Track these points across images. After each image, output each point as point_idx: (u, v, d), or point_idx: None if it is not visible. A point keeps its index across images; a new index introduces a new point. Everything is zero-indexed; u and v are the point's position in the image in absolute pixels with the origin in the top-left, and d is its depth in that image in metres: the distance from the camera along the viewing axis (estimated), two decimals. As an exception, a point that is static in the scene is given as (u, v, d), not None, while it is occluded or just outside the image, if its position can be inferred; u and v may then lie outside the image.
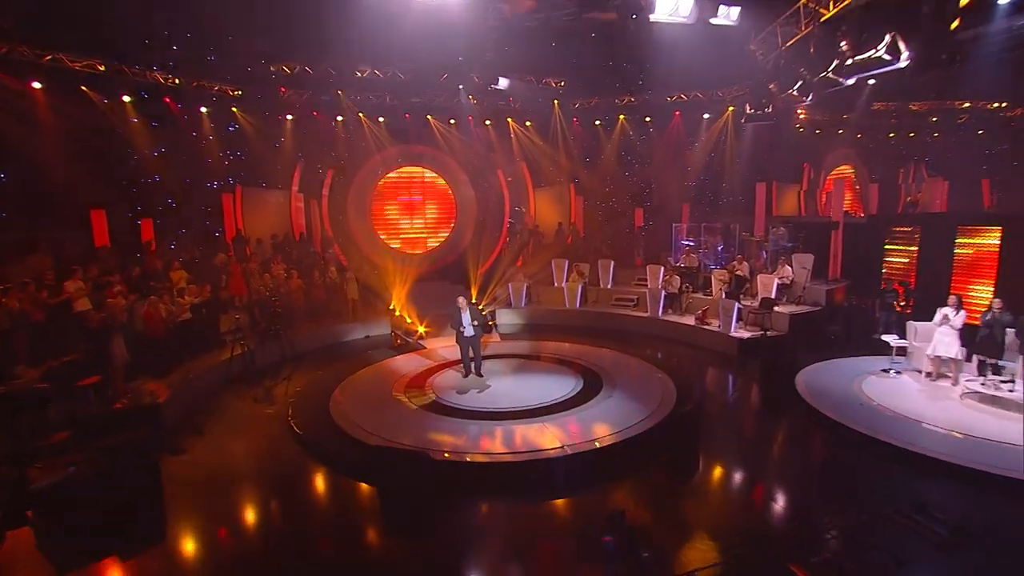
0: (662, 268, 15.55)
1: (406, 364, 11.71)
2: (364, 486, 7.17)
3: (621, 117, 19.18)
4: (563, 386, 9.86)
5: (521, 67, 15.62)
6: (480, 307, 15.88)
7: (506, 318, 15.62)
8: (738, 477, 7.28)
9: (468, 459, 7.32)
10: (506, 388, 9.99)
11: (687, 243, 16.95)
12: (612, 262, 16.50)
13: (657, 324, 14.27)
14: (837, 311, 13.12)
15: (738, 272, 13.56)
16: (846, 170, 23.22)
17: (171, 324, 10.67)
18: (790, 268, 13.76)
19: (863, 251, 14.20)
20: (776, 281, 13.29)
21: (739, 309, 12.72)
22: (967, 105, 20.76)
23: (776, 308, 12.92)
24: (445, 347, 12.40)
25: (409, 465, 6.60)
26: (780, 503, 6.62)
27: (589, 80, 17.87)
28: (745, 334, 12.43)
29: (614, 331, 14.39)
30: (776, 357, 11.07)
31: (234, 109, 16.39)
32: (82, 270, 10.55)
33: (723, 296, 13.60)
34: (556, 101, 18.06)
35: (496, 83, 13.21)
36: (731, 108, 18.18)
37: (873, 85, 14.83)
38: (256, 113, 16.70)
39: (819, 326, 12.73)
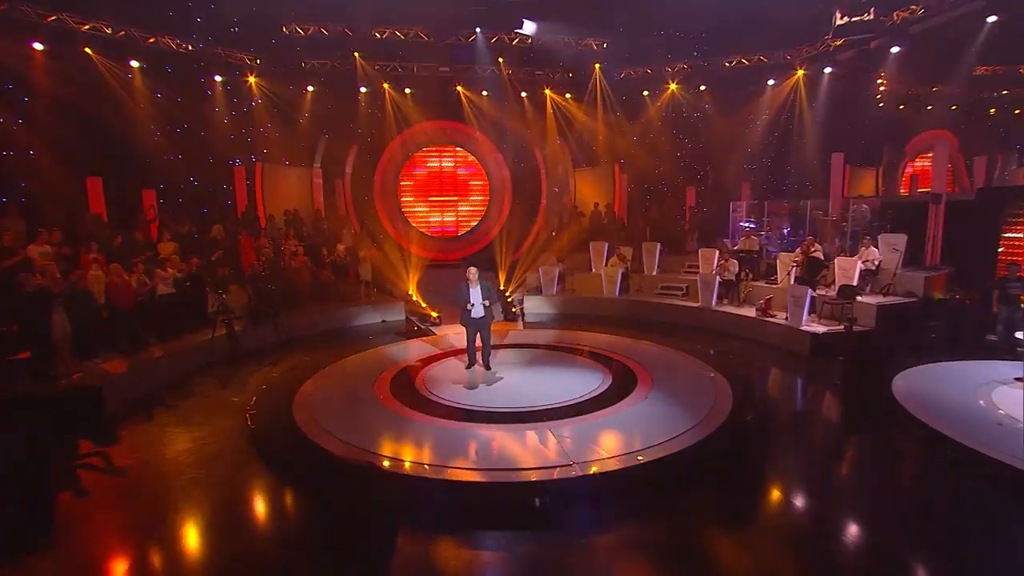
0: (717, 252, 13.14)
1: (407, 351, 9.92)
2: (306, 501, 5.36)
3: (672, 86, 16.77)
4: (587, 383, 7.78)
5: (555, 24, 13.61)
6: (507, 294, 14.00)
7: (534, 306, 13.61)
8: (816, 521, 4.99)
9: (428, 475, 5.35)
10: (514, 383, 7.99)
11: (747, 224, 14.42)
12: (659, 245, 14.19)
13: (710, 316, 11.91)
14: (937, 304, 10.37)
15: (813, 252, 10.98)
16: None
17: (142, 297, 9.27)
18: (876, 250, 11.11)
19: (971, 233, 11.33)
20: (860, 265, 10.68)
21: (812, 298, 10.23)
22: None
23: (859, 298, 10.36)
24: (458, 334, 10.53)
25: (355, 479, 4.72)
26: (880, 561, 4.33)
27: (635, 43, 15.64)
28: (819, 328, 9.94)
29: (659, 323, 12.16)
30: (862, 356, 8.60)
31: (251, 79, 15.07)
32: (47, 233, 9.25)
33: (791, 282, 11.13)
34: (598, 65, 15.82)
35: (520, 27, 11.20)
36: (800, 72, 15.48)
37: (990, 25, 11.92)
38: (276, 85, 15.35)
39: (915, 322, 10.08)
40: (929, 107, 19.12)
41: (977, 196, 12.14)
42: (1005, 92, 18.62)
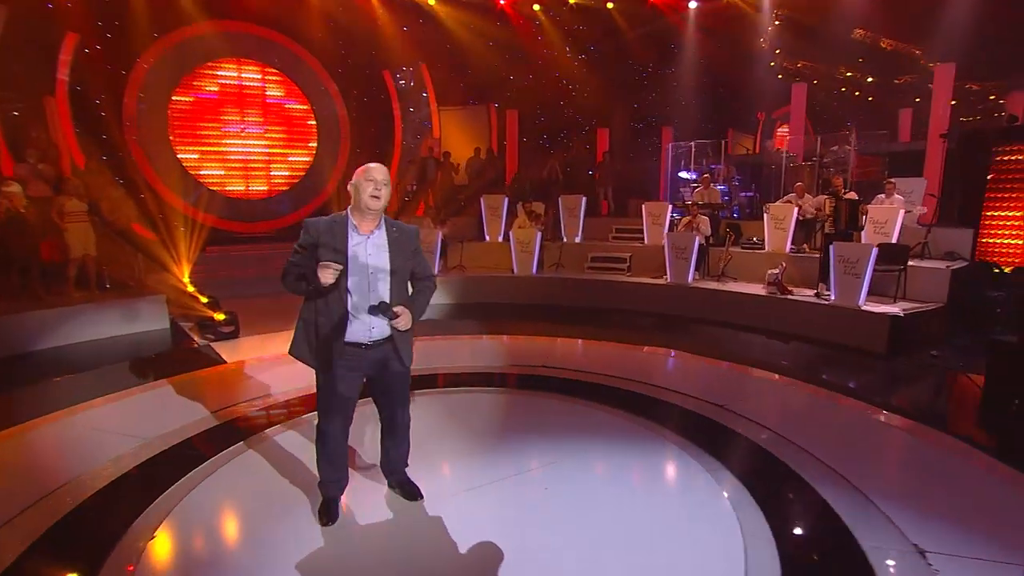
0: (669, 207, 8.83)
1: (129, 426, 3.70)
2: None
3: (571, 1, 12.08)
4: (707, 544, 2.58)
5: None
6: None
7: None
8: None
9: None
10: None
11: (688, 174, 10.40)
12: (583, 200, 9.46)
13: (689, 296, 7.46)
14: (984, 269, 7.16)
15: (847, 195, 7.05)
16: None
17: None
18: (901, 197, 7.65)
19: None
20: (902, 214, 7.05)
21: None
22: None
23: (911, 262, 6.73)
24: (275, 362, 4.60)
25: None
26: None
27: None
28: (895, 308, 6.01)
29: (613, 312, 7.44)
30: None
31: None
32: None
33: (787, 242, 7.17)
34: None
35: None
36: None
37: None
38: None
39: (977, 295, 6.71)
40: (797, 79, 16.87)
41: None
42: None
